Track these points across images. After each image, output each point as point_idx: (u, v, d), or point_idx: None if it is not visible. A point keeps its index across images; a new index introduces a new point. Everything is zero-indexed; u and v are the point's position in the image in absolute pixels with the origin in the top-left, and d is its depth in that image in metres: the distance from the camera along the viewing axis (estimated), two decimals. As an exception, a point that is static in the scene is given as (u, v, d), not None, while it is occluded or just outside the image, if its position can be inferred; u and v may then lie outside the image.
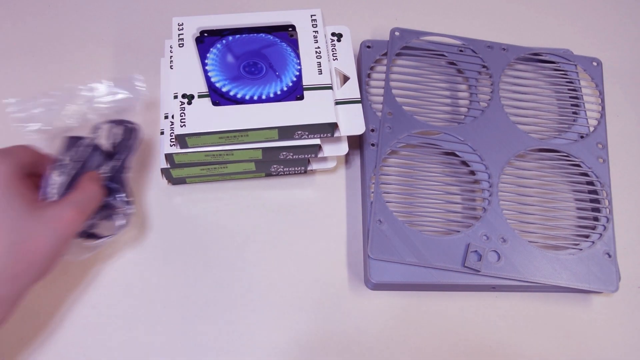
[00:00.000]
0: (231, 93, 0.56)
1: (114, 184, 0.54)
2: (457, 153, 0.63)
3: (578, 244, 0.59)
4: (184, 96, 0.55)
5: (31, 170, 0.50)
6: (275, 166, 0.61)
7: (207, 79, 0.56)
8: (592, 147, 0.64)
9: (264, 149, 0.57)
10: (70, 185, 0.51)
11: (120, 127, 0.56)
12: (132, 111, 0.56)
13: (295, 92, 0.56)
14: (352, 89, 0.59)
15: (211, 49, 0.58)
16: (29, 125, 0.54)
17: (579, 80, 0.69)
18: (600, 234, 0.60)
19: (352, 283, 0.59)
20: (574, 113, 0.68)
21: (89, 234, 0.54)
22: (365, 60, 0.67)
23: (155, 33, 0.71)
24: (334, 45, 0.61)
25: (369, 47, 0.68)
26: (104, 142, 0.55)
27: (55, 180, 0.51)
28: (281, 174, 0.64)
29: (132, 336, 0.55)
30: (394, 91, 0.65)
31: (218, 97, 0.55)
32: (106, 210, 0.54)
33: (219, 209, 0.62)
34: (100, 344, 0.55)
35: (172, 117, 0.56)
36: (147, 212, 0.61)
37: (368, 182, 0.60)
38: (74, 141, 0.54)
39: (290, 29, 0.60)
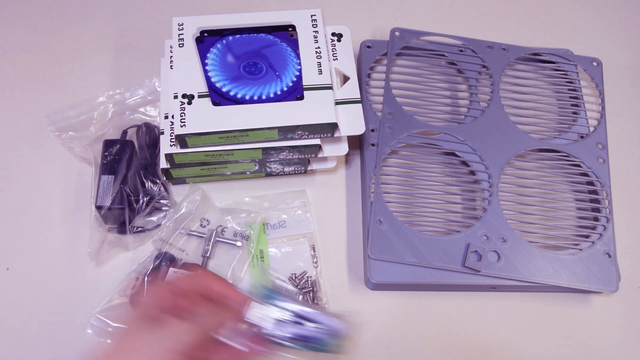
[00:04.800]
0: (231, 93, 0.56)
1: (153, 178, 0.59)
2: (457, 153, 0.63)
3: (578, 244, 0.59)
4: (184, 96, 0.55)
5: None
6: (275, 166, 0.61)
7: (207, 79, 0.56)
8: (592, 147, 0.64)
9: (264, 149, 0.57)
10: (116, 182, 0.57)
11: (144, 127, 0.61)
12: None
13: (295, 92, 0.56)
14: (352, 89, 0.59)
15: (211, 49, 0.58)
16: (65, 133, 0.61)
17: (579, 80, 0.69)
18: (600, 234, 0.60)
19: (352, 283, 0.59)
20: (574, 113, 0.68)
21: (137, 228, 0.58)
22: (365, 60, 0.67)
23: (155, 33, 0.71)
24: (334, 45, 0.61)
25: (369, 47, 0.68)
26: (135, 142, 0.61)
27: (104, 180, 0.57)
28: (281, 174, 0.64)
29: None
30: (394, 91, 0.65)
31: (218, 97, 0.55)
32: (149, 205, 0.58)
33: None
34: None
35: (172, 117, 0.56)
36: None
37: (368, 182, 0.60)
38: (110, 143, 0.60)
39: (290, 29, 0.60)
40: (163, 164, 0.57)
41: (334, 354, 0.44)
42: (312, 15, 0.61)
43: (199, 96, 0.55)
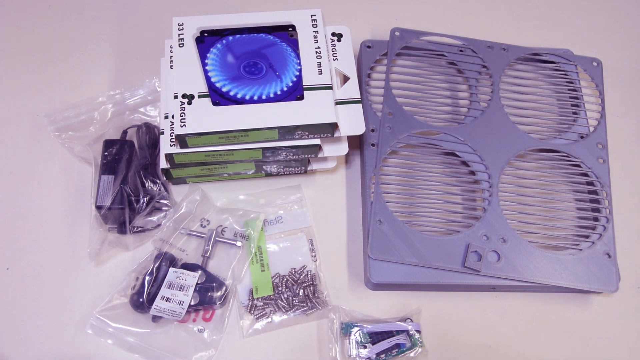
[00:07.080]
0: (231, 93, 0.56)
1: (153, 178, 0.59)
2: (457, 153, 0.63)
3: (578, 244, 0.59)
4: (184, 96, 0.55)
5: None
6: (275, 166, 0.61)
7: (207, 79, 0.56)
8: (592, 147, 0.64)
9: (264, 149, 0.57)
10: (116, 182, 0.56)
11: (144, 127, 0.61)
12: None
13: (296, 92, 0.56)
14: (352, 89, 0.59)
15: (211, 49, 0.58)
16: (65, 133, 0.61)
17: (579, 80, 0.69)
18: (600, 234, 0.60)
19: (352, 283, 0.59)
20: (574, 113, 0.68)
21: (137, 228, 0.58)
22: (365, 60, 0.67)
23: (155, 33, 0.71)
24: (334, 45, 0.61)
25: (369, 47, 0.68)
26: (135, 142, 0.61)
27: (104, 180, 0.57)
28: (281, 174, 0.64)
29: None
30: (394, 91, 0.65)
31: (218, 97, 0.55)
32: (149, 205, 0.58)
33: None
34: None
35: (172, 117, 0.56)
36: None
37: (368, 182, 0.60)
38: (110, 143, 0.60)
39: (290, 29, 0.60)
40: (163, 164, 0.57)
41: (419, 350, 0.54)
42: (312, 15, 0.61)
43: (199, 96, 0.55)
